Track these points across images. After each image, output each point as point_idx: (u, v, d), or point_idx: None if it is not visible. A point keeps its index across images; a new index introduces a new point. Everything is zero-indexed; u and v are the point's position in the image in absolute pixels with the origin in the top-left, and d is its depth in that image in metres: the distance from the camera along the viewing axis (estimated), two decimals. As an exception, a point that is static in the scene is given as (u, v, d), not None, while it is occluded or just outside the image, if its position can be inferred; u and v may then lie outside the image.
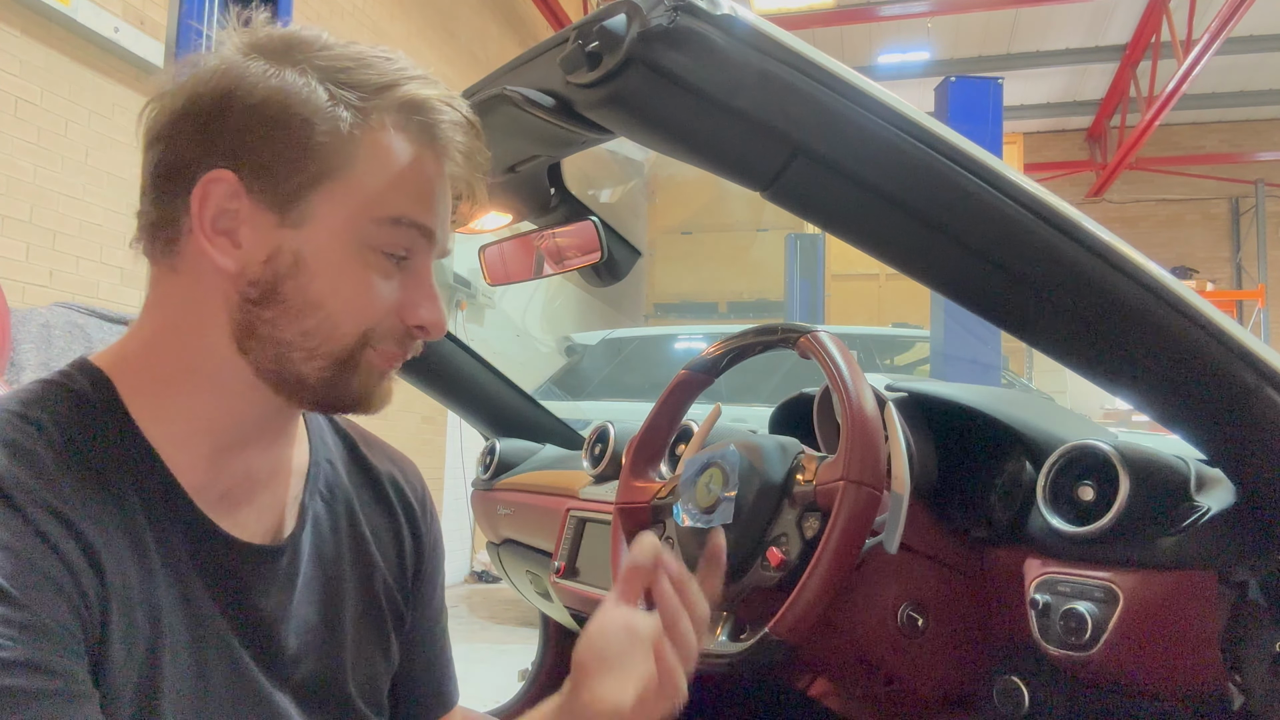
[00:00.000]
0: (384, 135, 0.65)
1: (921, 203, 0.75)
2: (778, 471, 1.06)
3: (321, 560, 0.75)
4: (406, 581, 0.83)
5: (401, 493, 0.85)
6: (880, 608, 1.03)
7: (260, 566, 0.70)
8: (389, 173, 0.65)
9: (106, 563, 0.59)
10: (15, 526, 0.55)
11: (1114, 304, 0.78)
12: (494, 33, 7.54)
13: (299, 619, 0.72)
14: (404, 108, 0.65)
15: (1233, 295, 10.12)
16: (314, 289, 0.64)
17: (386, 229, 0.65)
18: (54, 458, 0.60)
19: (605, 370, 6.23)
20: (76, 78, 3.58)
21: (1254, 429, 0.82)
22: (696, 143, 0.71)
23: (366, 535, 0.80)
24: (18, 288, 3.32)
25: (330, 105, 0.63)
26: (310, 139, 0.63)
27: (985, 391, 1.21)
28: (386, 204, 0.65)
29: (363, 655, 0.77)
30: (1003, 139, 5.94)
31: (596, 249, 1.21)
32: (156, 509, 0.64)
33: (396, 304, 0.67)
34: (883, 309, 8.81)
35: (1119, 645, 0.91)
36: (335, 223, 0.64)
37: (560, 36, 0.75)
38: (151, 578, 0.62)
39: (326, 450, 0.80)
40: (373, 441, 0.86)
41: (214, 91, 0.63)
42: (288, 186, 0.63)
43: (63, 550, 0.57)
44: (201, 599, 0.65)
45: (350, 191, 0.64)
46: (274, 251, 0.64)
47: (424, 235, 0.67)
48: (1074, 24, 9.08)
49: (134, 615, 0.60)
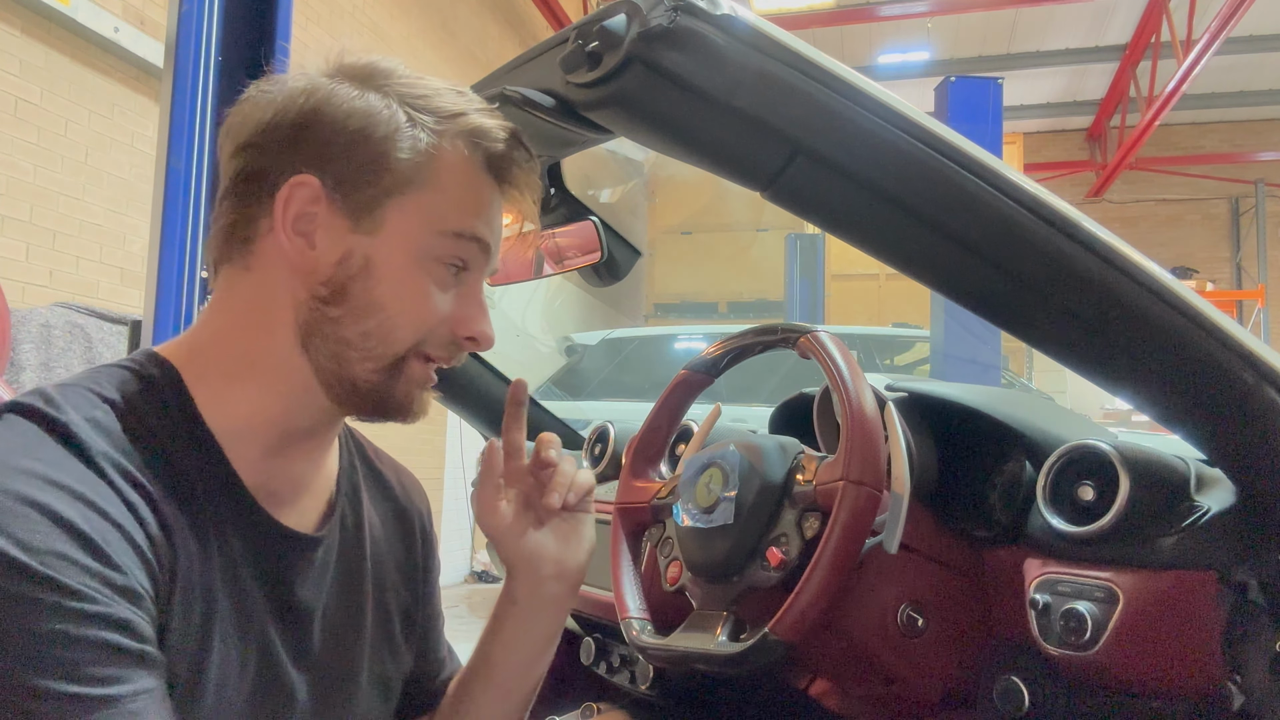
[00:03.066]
0: (453, 157, 0.71)
1: (921, 203, 0.75)
2: (778, 471, 1.06)
3: (347, 558, 0.79)
4: (416, 585, 0.88)
5: (408, 497, 0.90)
6: (880, 608, 1.03)
7: (302, 554, 0.73)
8: (456, 191, 0.71)
9: (178, 540, 0.63)
10: (108, 495, 0.59)
11: (1114, 304, 0.78)
12: (494, 33, 7.54)
13: (327, 610, 0.76)
14: (472, 134, 0.71)
15: (1233, 295, 10.13)
16: (379, 291, 0.69)
17: (450, 241, 0.70)
18: (130, 437, 0.63)
19: (605, 370, 6.23)
20: (76, 78, 3.58)
21: (1254, 429, 0.82)
22: (696, 143, 0.71)
23: (380, 538, 0.84)
24: (18, 288, 3.32)
25: (409, 126, 0.69)
26: (389, 154, 0.68)
27: (985, 391, 1.21)
28: (451, 218, 0.70)
29: (376, 654, 0.81)
30: (1003, 139, 5.93)
31: (596, 249, 1.21)
32: (215, 495, 0.67)
33: (450, 315, 0.72)
34: (883, 309, 8.80)
35: (1119, 645, 0.91)
36: (405, 232, 0.69)
37: (560, 36, 0.75)
38: (208, 559, 0.65)
39: (350, 457, 0.84)
40: (379, 453, 0.91)
41: (302, 106, 0.69)
42: (364, 196, 0.69)
43: (145, 521, 0.61)
44: (249, 585, 0.69)
45: (421, 205, 0.70)
46: (346, 254, 0.69)
47: (482, 250, 0.72)
48: (1074, 24, 9.08)
49: (192, 594, 0.63)
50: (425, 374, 0.73)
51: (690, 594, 1.10)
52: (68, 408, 0.62)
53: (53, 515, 0.56)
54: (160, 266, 1.74)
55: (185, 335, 0.73)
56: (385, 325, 0.69)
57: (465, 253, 0.72)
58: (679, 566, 1.11)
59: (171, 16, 1.76)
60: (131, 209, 3.81)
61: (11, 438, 0.60)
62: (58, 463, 0.59)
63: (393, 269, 0.69)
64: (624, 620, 1.15)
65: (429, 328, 0.71)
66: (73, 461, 0.59)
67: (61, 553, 0.55)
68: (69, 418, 0.61)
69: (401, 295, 0.70)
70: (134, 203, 3.81)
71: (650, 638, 1.11)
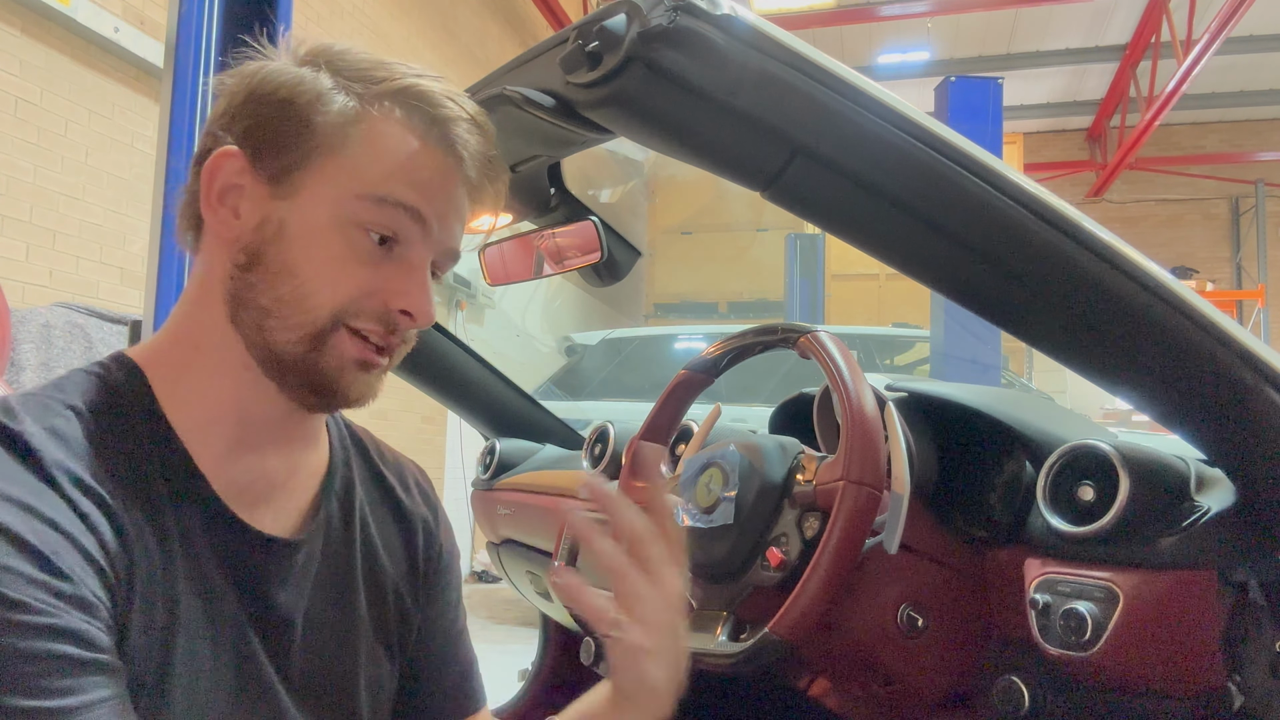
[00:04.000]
0: (384, 123, 0.68)
1: (921, 203, 0.75)
2: (778, 471, 1.06)
3: (334, 561, 0.77)
4: (416, 586, 0.85)
5: (413, 499, 0.87)
6: (880, 608, 1.03)
7: (277, 559, 0.71)
8: (384, 156, 0.67)
9: (135, 547, 0.62)
10: (58, 505, 0.58)
11: (1114, 304, 0.78)
12: (494, 33, 7.53)
13: (313, 615, 0.74)
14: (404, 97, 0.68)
15: (1233, 295, 10.12)
16: (291, 255, 0.67)
17: (371, 207, 0.67)
18: (89, 443, 0.63)
19: (605, 370, 6.22)
20: (76, 78, 3.58)
21: (1254, 429, 0.82)
22: (696, 143, 0.71)
23: (376, 540, 0.81)
24: (18, 288, 3.32)
25: (333, 90, 0.67)
26: (311, 119, 0.67)
27: (985, 391, 1.21)
28: (374, 183, 0.67)
29: (371, 658, 0.79)
30: (1003, 139, 5.93)
31: (596, 249, 1.21)
32: (180, 497, 0.66)
33: (380, 288, 0.68)
34: (883, 309, 8.80)
35: (1119, 645, 0.91)
36: (321, 196, 0.67)
37: (560, 36, 0.75)
38: (172, 565, 0.64)
39: (344, 455, 0.82)
40: (384, 449, 0.88)
41: (240, 86, 0.69)
42: (284, 161, 0.67)
43: (99, 530, 0.59)
44: (220, 587, 0.67)
45: (341, 169, 0.67)
46: (263, 219, 0.67)
47: (413, 219, 0.68)
48: (1074, 24, 9.08)
49: (154, 600, 0.62)
50: (358, 352, 0.68)
51: (690, 594, 1.10)
52: (25, 418, 0.62)
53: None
54: (160, 266, 1.74)
55: (157, 334, 0.73)
56: (299, 291, 0.66)
57: (389, 221, 0.67)
58: (679, 566, 1.11)
59: (171, 16, 1.76)
60: (131, 209, 3.81)
61: None
62: (8, 475, 0.58)
63: (307, 232, 0.67)
64: (624, 620, 1.15)
65: (347, 296, 0.67)
66: (23, 473, 0.58)
67: (8, 565, 0.54)
68: (24, 428, 0.61)
69: (314, 259, 0.67)
70: (134, 203, 3.81)
71: (650, 638, 1.11)
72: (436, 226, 0.69)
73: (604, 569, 0.67)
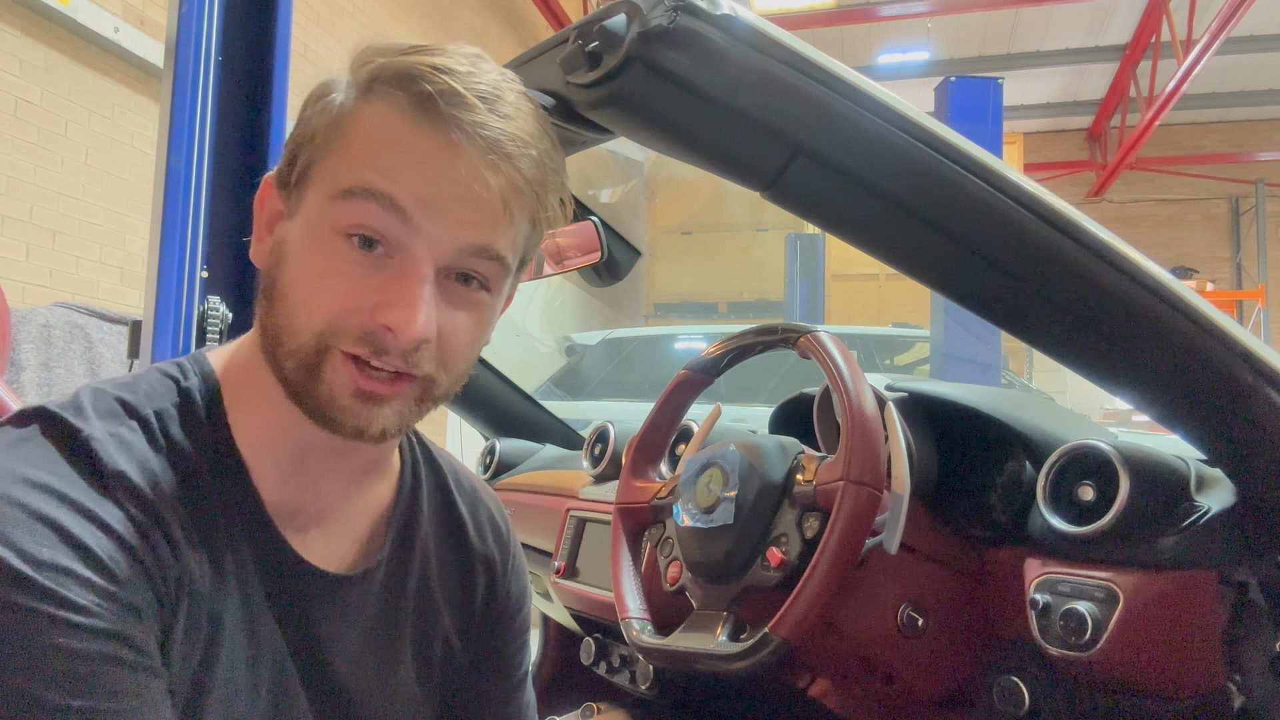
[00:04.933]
0: (370, 111, 0.61)
1: (921, 203, 0.75)
2: (778, 471, 1.06)
3: (387, 600, 0.75)
4: (470, 632, 0.81)
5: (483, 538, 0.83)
6: (880, 608, 1.03)
7: (326, 594, 0.70)
8: (357, 146, 0.60)
9: (187, 564, 0.61)
10: (116, 515, 0.58)
11: (1114, 304, 0.78)
12: (494, 33, 7.53)
13: (355, 654, 0.72)
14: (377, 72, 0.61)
15: (1233, 295, 10.12)
16: (286, 277, 0.62)
17: (342, 205, 0.59)
18: (154, 456, 0.62)
19: (605, 370, 6.22)
20: (76, 78, 3.58)
21: (1254, 429, 0.82)
22: (696, 143, 0.71)
23: (434, 578, 0.79)
24: (18, 288, 3.32)
25: (329, 94, 0.63)
26: (312, 124, 0.63)
27: (985, 391, 1.21)
28: (339, 177, 0.60)
29: (409, 701, 0.77)
30: (1003, 139, 5.93)
31: (596, 249, 1.21)
32: (235, 520, 0.65)
33: (364, 302, 0.59)
34: (883, 309, 8.80)
35: (1119, 645, 0.91)
36: (311, 207, 0.62)
37: (560, 36, 0.75)
38: (222, 586, 0.64)
39: (414, 484, 0.79)
40: (463, 478, 0.83)
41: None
42: (292, 179, 0.65)
43: (155, 543, 0.60)
44: (263, 614, 0.66)
45: (324, 172, 0.61)
46: (276, 243, 0.65)
47: (387, 210, 0.59)
48: (1074, 24, 9.08)
49: (199, 615, 0.62)
50: (351, 379, 0.60)
51: (690, 594, 1.10)
52: (94, 419, 0.61)
53: (58, 529, 0.55)
54: (160, 266, 1.74)
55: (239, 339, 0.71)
56: (289, 313, 0.61)
57: (364, 216, 0.58)
58: (679, 566, 1.11)
59: (171, 16, 1.76)
60: (131, 209, 3.81)
61: (31, 450, 0.59)
62: (69, 479, 0.58)
63: (297, 249, 0.62)
64: (624, 620, 1.15)
65: (328, 314, 0.59)
66: (84, 478, 0.59)
67: (65, 567, 0.54)
68: (91, 430, 0.60)
69: (299, 279, 0.61)
70: (134, 203, 3.81)
71: (650, 638, 1.11)
72: (426, 217, 0.59)
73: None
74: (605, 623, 1.49)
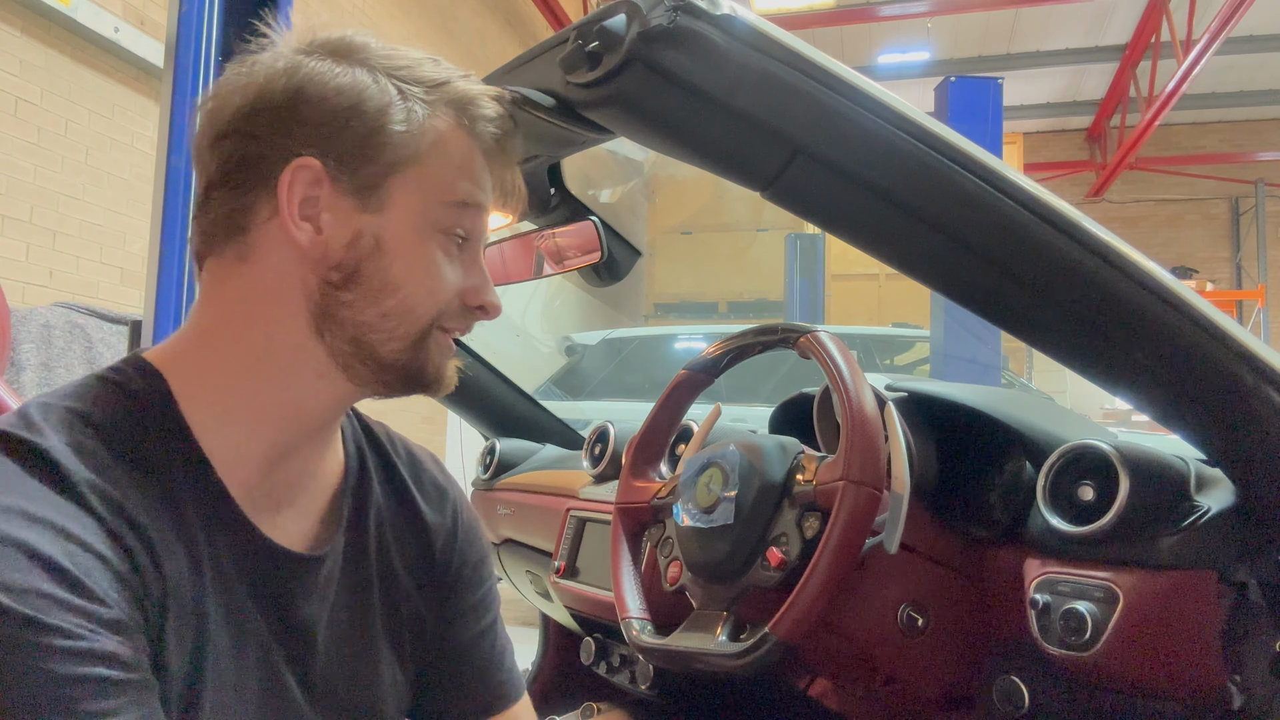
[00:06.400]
0: (443, 126, 0.70)
1: (921, 203, 0.75)
2: (778, 471, 1.06)
3: (351, 568, 0.76)
4: (431, 582, 0.83)
5: (425, 493, 0.85)
6: (880, 608, 1.03)
7: (301, 574, 0.71)
8: (452, 161, 0.70)
9: (166, 564, 0.61)
10: (89, 525, 0.58)
11: (1114, 304, 0.78)
12: (494, 33, 7.53)
13: (334, 627, 0.73)
14: (458, 102, 0.71)
15: (1233, 295, 10.12)
16: (394, 271, 0.68)
17: (454, 212, 0.70)
18: (115, 460, 0.62)
19: (605, 370, 6.22)
20: (76, 78, 3.58)
21: (1254, 429, 0.82)
22: (696, 143, 0.71)
23: (390, 540, 0.80)
24: (18, 288, 3.32)
25: (400, 99, 0.68)
26: (386, 129, 0.67)
27: (985, 391, 1.21)
28: (453, 189, 0.70)
29: (389, 662, 0.78)
30: (1003, 139, 5.93)
31: (596, 249, 1.21)
32: (206, 513, 0.65)
33: (462, 287, 0.72)
34: (883, 309, 8.80)
35: (1119, 645, 0.91)
36: (411, 207, 0.69)
37: (560, 36, 0.75)
38: (201, 580, 0.64)
39: (361, 458, 0.81)
40: (396, 440, 0.86)
41: (287, 86, 0.66)
42: (367, 173, 0.67)
43: (131, 549, 0.59)
44: (244, 604, 0.67)
45: (424, 178, 0.69)
46: (355, 235, 0.67)
47: (482, 217, 0.73)
48: (1074, 24, 9.08)
49: (185, 617, 0.62)
50: (448, 344, 0.73)
51: (690, 594, 1.10)
52: (49, 432, 0.60)
53: (31, 552, 0.54)
54: (160, 266, 1.74)
55: (175, 336, 0.70)
56: (405, 304, 0.69)
57: (468, 222, 0.71)
58: (679, 566, 1.11)
59: (171, 16, 1.76)
60: (131, 209, 3.81)
61: None
62: (37, 496, 0.57)
63: (405, 246, 0.68)
64: (624, 620, 1.15)
65: (445, 301, 0.71)
66: (52, 493, 0.58)
67: (43, 591, 0.54)
68: (50, 444, 0.59)
69: (416, 271, 0.69)
70: (134, 203, 3.81)
71: (650, 638, 1.11)
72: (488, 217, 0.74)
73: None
74: (605, 623, 1.49)
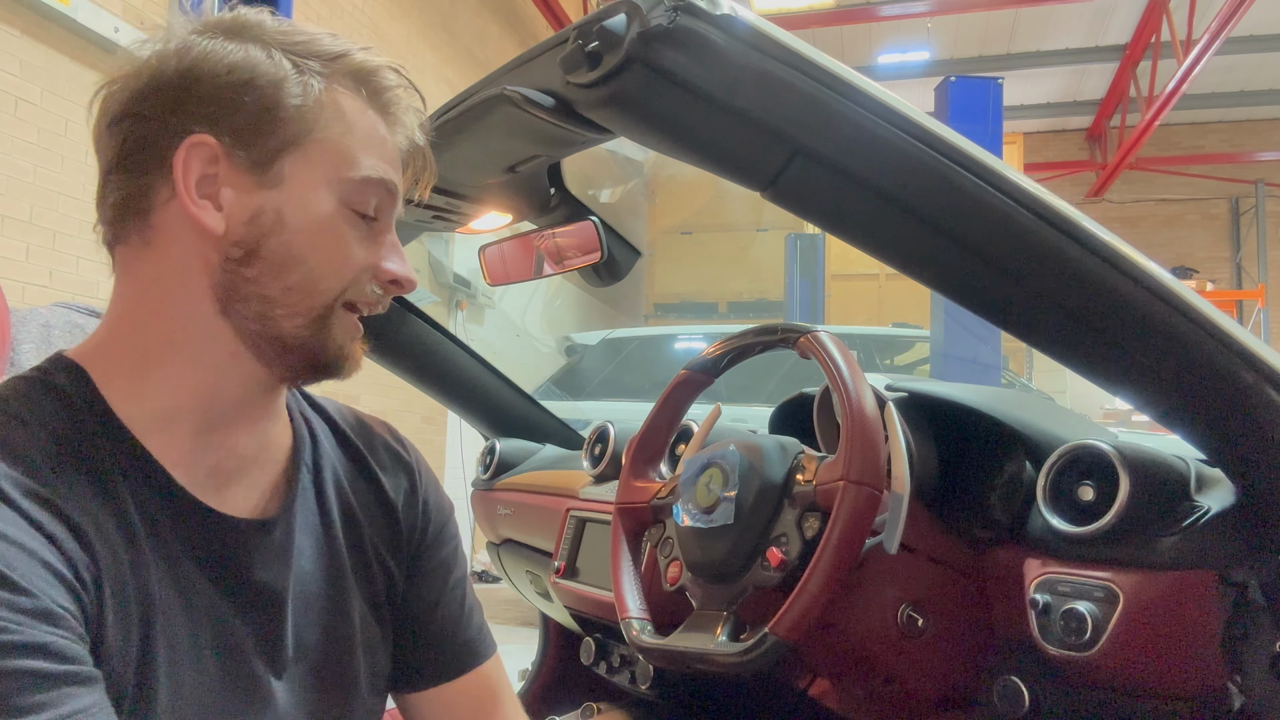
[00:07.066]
0: (343, 100, 0.69)
1: (921, 203, 0.75)
2: (778, 471, 1.06)
3: (316, 534, 0.76)
4: (400, 546, 0.83)
5: (380, 461, 0.85)
6: (880, 608, 1.03)
7: (252, 541, 0.71)
8: (355, 135, 0.69)
9: (99, 549, 0.61)
10: (11, 519, 0.57)
11: (1114, 304, 0.78)
12: (494, 33, 7.53)
13: (302, 594, 0.73)
14: (357, 74, 0.70)
15: (1233, 295, 10.12)
16: (296, 245, 0.67)
17: (359, 187, 0.69)
18: (41, 453, 0.61)
19: (605, 370, 6.23)
20: (76, 78, 3.58)
21: (1254, 429, 0.82)
22: (696, 143, 0.71)
23: (354, 504, 0.81)
24: (18, 288, 3.32)
25: (296, 73, 0.67)
26: (282, 103, 0.66)
27: (985, 391, 1.21)
28: (358, 164, 0.69)
29: (364, 622, 0.78)
30: (1003, 139, 5.94)
31: (596, 249, 1.21)
32: (142, 493, 0.65)
33: (371, 262, 0.71)
34: (883, 309, 8.80)
35: (1119, 645, 0.91)
36: (312, 181, 0.68)
37: (560, 36, 0.75)
38: (142, 561, 0.63)
39: (307, 426, 0.81)
40: (346, 413, 0.86)
41: (179, 66, 0.66)
42: (264, 148, 0.66)
43: (58, 539, 0.58)
44: (194, 578, 0.67)
45: (323, 153, 0.68)
46: (256, 211, 0.67)
47: (389, 192, 0.71)
48: (1074, 24, 9.08)
49: (128, 600, 0.62)
50: (353, 324, 0.71)
51: (690, 594, 1.10)
52: None
53: None
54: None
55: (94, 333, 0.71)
56: (309, 278, 0.68)
57: (376, 198, 0.70)
58: (679, 566, 1.11)
59: (172, 16, 1.76)
60: (131, 209, 3.81)
61: None
62: None
63: (308, 220, 0.67)
64: (624, 620, 1.15)
65: (351, 276, 0.70)
66: None
67: None
68: None
69: (320, 246, 0.68)
70: (134, 203, 3.81)
71: (650, 638, 1.11)
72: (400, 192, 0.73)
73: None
74: (605, 623, 1.49)
